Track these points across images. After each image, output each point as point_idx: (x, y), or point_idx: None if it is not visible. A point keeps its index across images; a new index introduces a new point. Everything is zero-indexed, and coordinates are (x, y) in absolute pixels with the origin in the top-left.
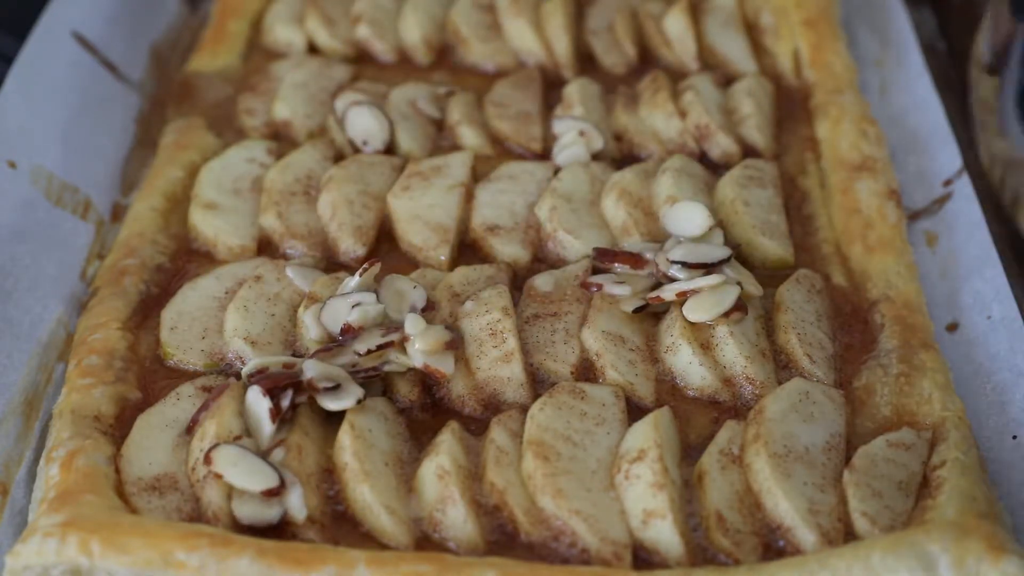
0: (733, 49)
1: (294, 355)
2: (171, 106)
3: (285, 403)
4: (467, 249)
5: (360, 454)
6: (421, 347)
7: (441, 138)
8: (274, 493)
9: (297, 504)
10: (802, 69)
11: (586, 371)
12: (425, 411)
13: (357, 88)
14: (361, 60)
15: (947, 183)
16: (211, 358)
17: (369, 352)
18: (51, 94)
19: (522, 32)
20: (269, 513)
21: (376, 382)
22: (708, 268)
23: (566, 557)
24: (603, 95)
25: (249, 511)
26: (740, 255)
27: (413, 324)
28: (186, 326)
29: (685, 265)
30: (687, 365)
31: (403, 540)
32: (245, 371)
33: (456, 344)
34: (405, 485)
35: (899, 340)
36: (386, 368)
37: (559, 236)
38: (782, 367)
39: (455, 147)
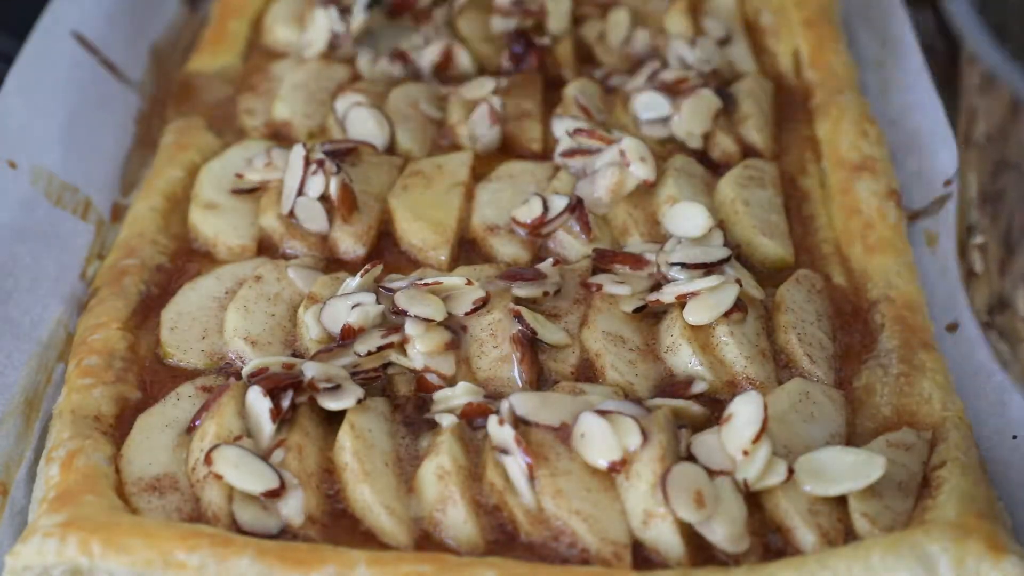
0: (733, 49)
1: (294, 355)
2: (171, 106)
3: (285, 403)
4: (467, 248)
5: (360, 454)
6: (421, 348)
7: (441, 138)
8: (274, 494)
9: (296, 508)
10: (802, 69)
11: (586, 371)
12: (425, 410)
13: (357, 88)
14: None
15: (947, 183)
16: (211, 358)
17: (370, 353)
18: (51, 94)
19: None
20: (269, 522)
21: (376, 382)
22: (708, 268)
23: (566, 557)
24: (603, 95)
25: (250, 517)
26: (740, 255)
27: (414, 325)
28: (186, 326)
29: (685, 266)
30: (687, 365)
31: (403, 540)
32: (245, 371)
33: (456, 344)
34: (405, 485)
35: (899, 340)
36: (388, 370)
37: (559, 236)
38: (782, 367)
39: (455, 147)
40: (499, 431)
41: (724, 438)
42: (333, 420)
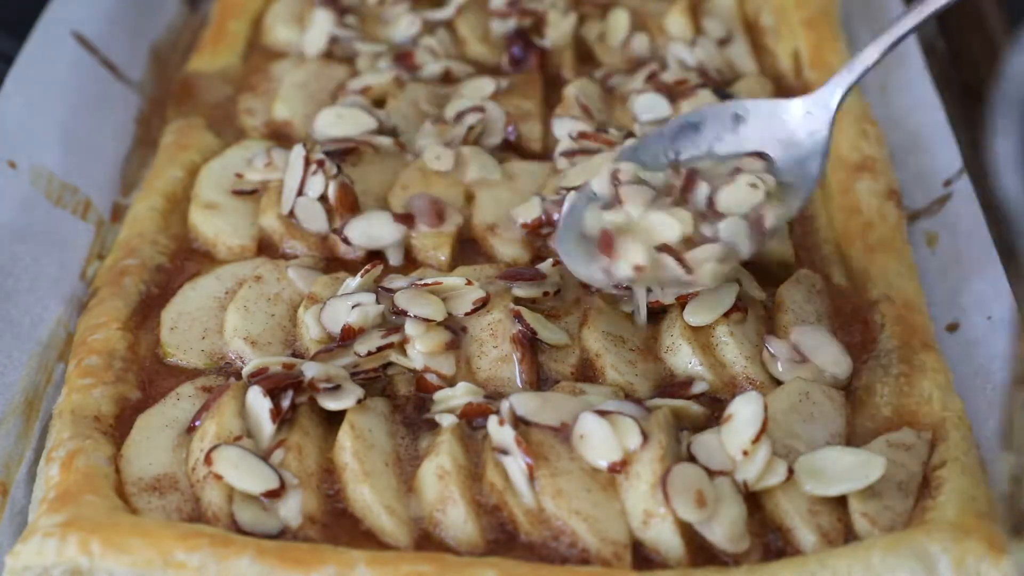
0: (733, 49)
1: (294, 355)
2: (171, 106)
3: (285, 403)
4: (467, 249)
5: (360, 454)
6: (422, 348)
7: None
8: (274, 495)
9: (295, 508)
10: (802, 69)
11: (586, 371)
12: (425, 411)
13: None
14: None
15: (947, 183)
16: (211, 358)
17: (370, 353)
18: (51, 94)
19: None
20: (269, 523)
21: (376, 382)
22: None
23: (566, 557)
24: (603, 95)
25: (250, 517)
26: None
27: (414, 325)
28: (186, 326)
29: None
30: (687, 365)
31: (403, 540)
32: (245, 371)
33: (456, 344)
34: (405, 485)
35: (899, 340)
36: (388, 371)
37: None
38: None
39: None
40: (499, 431)
41: (724, 438)
42: (333, 420)
